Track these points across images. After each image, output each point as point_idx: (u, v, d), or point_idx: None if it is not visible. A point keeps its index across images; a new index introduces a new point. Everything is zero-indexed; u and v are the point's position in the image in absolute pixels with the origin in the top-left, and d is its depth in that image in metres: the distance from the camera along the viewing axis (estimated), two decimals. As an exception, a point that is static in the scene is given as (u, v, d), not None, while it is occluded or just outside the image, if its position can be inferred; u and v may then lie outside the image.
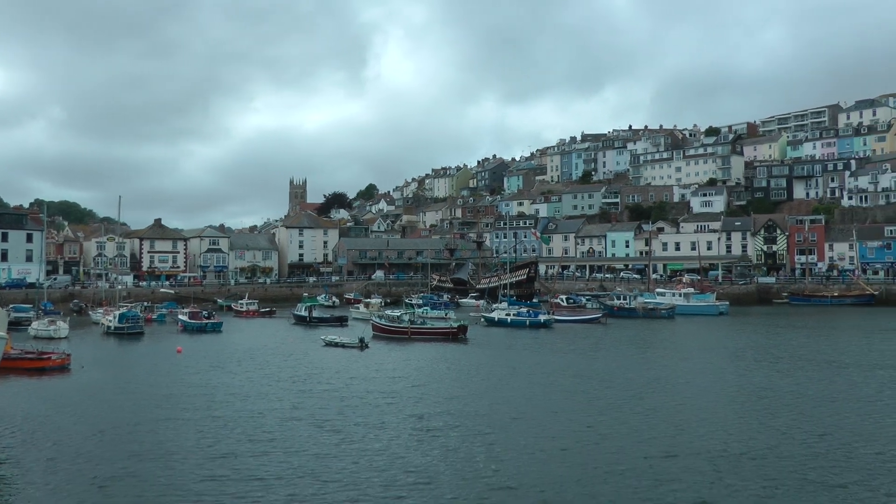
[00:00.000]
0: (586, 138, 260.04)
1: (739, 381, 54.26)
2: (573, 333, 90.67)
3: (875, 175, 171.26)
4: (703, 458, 34.09)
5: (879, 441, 36.92)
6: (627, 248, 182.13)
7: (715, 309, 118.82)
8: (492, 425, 40.51)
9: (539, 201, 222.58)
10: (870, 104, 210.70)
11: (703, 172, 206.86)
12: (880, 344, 77.06)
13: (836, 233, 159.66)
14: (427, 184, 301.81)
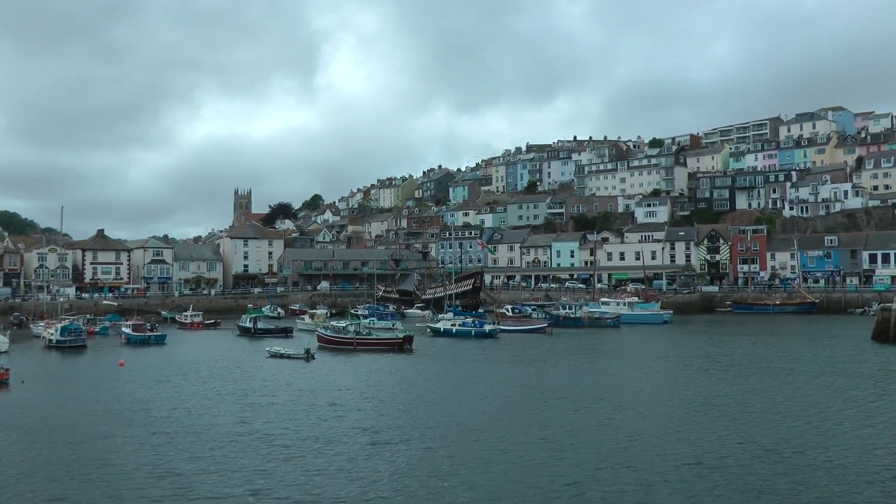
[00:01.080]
0: (531, 149, 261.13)
1: (689, 390, 54.31)
2: (519, 343, 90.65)
3: (815, 186, 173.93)
4: (659, 469, 33.92)
5: (833, 448, 37.08)
6: (572, 258, 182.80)
7: (659, 318, 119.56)
8: (443, 438, 40.02)
9: (484, 211, 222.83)
10: (810, 117, 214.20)
11: (648, 183, 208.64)
12: (824, 351, 77.92)
13: (777, 242, 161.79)
14: (373, 194, 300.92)
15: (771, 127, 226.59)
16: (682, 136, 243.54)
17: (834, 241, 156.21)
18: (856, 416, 45.09)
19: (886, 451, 36.73)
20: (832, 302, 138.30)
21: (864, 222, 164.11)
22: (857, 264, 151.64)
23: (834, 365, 67.16)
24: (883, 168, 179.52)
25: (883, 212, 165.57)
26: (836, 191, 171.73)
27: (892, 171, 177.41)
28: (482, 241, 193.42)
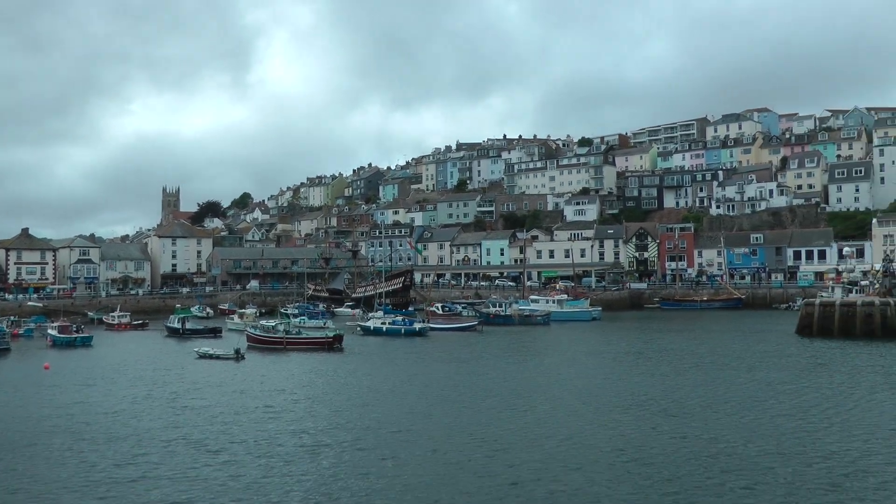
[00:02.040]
0: (462, 147, 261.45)
1: (623, 387, 54.23)
2: (449, 342, 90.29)
3: (741, 185, 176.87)
4: (598, 466, 33.73)
5: (767, 441, 37.26)
6: (502, 255, 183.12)
7: (588, 315, 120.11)
8: (378, 440, 39.29)
9: (414, 210, 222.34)
10: (736, 118, 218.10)
11: (577, 182, 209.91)
12: (754, 345, 79.09)
13: (704, 240, 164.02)
14: (302, 192, 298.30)
15: (698, 127, 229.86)
16: (611, 135, 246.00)
17: (759, 238, 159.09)
18: (790, 409, 45.46)
19: (819, 440, 37.07)
20: (758, 298, 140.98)
21: (789, 220, 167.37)
22: (781, 261, 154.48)
23: (763, 359, 67.96)
24: (807, 168, 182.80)
25: (807, 210, 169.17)
26: (761, 190, 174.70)
27: (816, 171, 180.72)
28: (411, 239, 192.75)
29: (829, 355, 70.60)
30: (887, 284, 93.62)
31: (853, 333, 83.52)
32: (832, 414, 43.89)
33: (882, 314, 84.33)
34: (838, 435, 38.67)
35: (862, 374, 58.79)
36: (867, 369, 61.13)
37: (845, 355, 70.27)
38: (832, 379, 56.33)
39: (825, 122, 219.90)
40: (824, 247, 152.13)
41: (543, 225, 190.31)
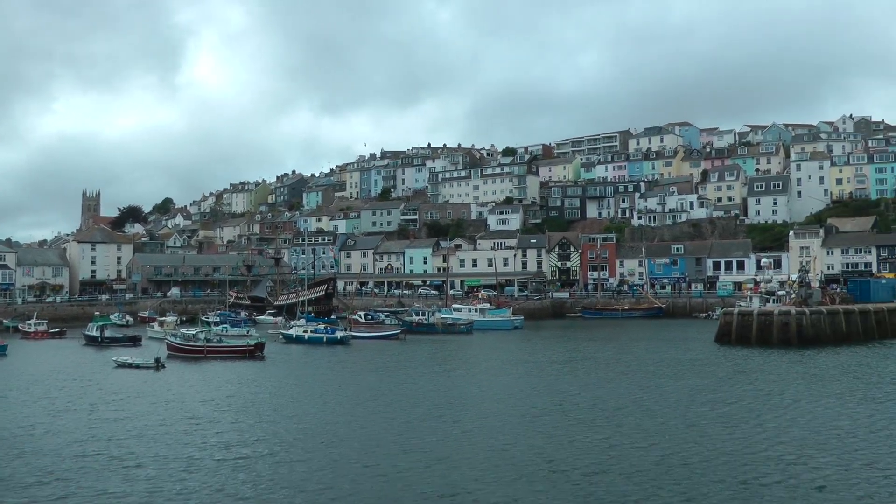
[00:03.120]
0: (386, 155, 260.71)
1: (549, 395, 54.14)
2: (372, 350, 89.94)
3: (663, 197, 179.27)
4: (531, 475, 33.53)
5: (700, 448, 37.31)
6: (425, 264, 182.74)
7: (510, 323, 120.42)
8: (306, 451, 38.51)
9: (338, 217, 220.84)
10: (658, 131, 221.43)
11: (501, 191, 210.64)
12: (678, 354, 79.94)
13: (626, 250, 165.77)
14: (225, 198, 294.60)
15: (621, 139, 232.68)
16: (535, 145, 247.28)
17: (680, 249, 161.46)
18: (717, 416, 45.94)
19: (744, 444, 37.33)
20: (678, 307, 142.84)
21: (709, 232, 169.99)
22: (701, 271, 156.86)
23: (685, 367, 68.67)
24: (726, 181, 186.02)
25: (726, 222, 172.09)
26: (682, 202, 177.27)
27: (735, 184, 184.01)
28: (335, 247, 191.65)
29: (749, 363, 71.68)
30: (803, 295, 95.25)
31: (770, 342, 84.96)
32: (764, 420, 44.57)
33: (798, 323, 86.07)
34: (767, 443, 39.14)
35: (784, 381, 59.70)
36: (792, 377, 62.20)
37: (765, 363, 71.42)
38: (756, 386, 57.16)
39: (745, 137, 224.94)
40: (743, 258, 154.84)
41: (467, 234, 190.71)
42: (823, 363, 70.73)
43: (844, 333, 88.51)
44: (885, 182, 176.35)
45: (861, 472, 33.71)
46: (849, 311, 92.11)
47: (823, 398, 51.98)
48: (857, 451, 37.47)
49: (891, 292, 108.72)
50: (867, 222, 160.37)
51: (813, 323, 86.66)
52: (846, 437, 40.34)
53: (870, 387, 56.54)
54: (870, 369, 66.83)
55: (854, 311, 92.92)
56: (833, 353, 77.47)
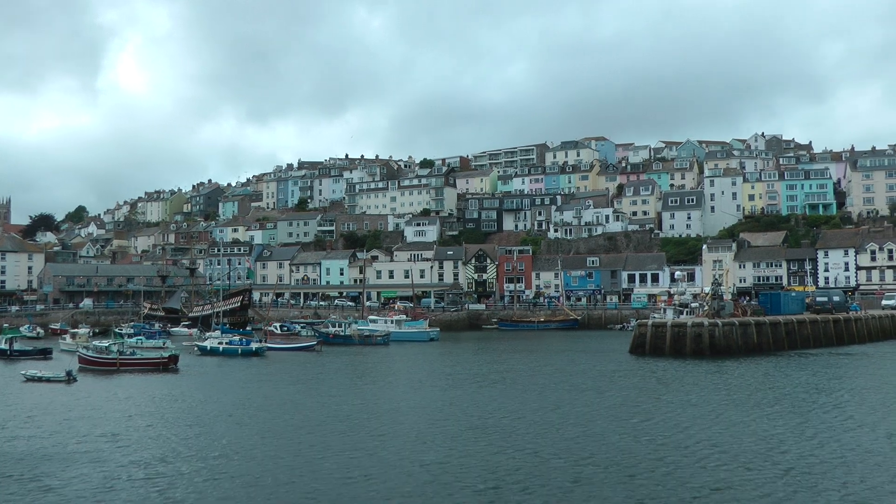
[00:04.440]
0: (303, 165, 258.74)
1: (470, 408, 53.38)
2: (287, 362, 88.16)
3: (579, 210, 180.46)
4: (455, 491, 32.53)
5: (626, 459, 37.23)
6: (342, 275, 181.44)
7: (426, 335, 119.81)
8: (219, 468, 36.52)
9: (254, 228, 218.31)
10: (574, 145, 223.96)
11: (418, 203, 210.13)
12: (598, 365, 79.41)
13: (542, 262, 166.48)
14: (140, 207, 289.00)
15: (538, 153, 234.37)
16: (453, 157, 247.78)
17: (595, 261, 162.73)
18: (640, 426, 45.78)
19: (677, 461, 37.40)
20: (593, 319, 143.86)
21: (624, 245, 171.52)
22: (616, 283, 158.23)
23: (605, 378, 68.71)
24: (641, 196, 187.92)
25: (641, 235, 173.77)
26: (598, 215, 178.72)
27: (650, 199, 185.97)
28: (250, 258, 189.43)
29: (664, 374, 71.79)
30: (716, 307, 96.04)
31: (683, 352, 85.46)
32: (689, 428, 44.53)
33: (710, 334, 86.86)
34: (695, 456, 38.84)
35: (702, 391, 60.07)
36: (707, 387, 62.47)
37: (679, 373, 71.73)
38: (676, 396, 57.25)
39: (660, 153, 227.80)
40: (657, 270, 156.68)
41: (383, 245, 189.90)
42: (736, 373, 71.15)
43: (755, 344, 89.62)
44: (796, 198, 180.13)
45: (798, 479, 33.68)
46: (760, 323, 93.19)
47: (737, 407, 52.19)
48: (781, 456, 37.94)
49: (800, 305, 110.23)
50: (778, 237, 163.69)
51: (725, 334, 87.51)
52: (769, 444, 40.65)
53: (785, 396, 56.92)
54: (785, 378, 67.54)
55: (765, 322, 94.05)
56: (744, 364, 78.07)
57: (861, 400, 55.13)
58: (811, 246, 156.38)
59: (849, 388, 60.63)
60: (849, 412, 49.96)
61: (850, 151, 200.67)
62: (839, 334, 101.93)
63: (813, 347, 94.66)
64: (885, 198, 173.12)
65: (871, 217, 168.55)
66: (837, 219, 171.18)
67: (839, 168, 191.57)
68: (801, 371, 72.95)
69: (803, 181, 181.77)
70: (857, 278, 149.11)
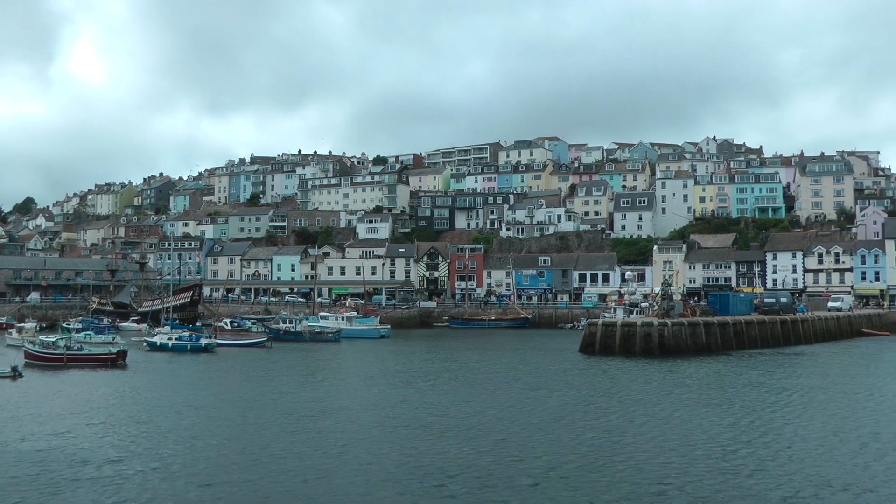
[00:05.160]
0: (255, 160, 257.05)
1: (421, 406, 53.36)
2: (237, 358, 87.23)
3: (531, 209, 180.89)
4: (419, 492, 32.31)
5: (579, 456, 37.30)
6: (293, 271, 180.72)
7: (377, 332, 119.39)
8: (168, 466, 35.82)
9: (205, 222, 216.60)
10: (528, 145, 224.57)
11: (370, 200, 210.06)
12: (548, 364, 79.45)
13: (494, 261, 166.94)
14: (90, 200, 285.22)
15: (491, 152, 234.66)
16: (406, 155, 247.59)
17: (547, 261, 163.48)
18: (590, 425, 45.86)
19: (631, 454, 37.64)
20: (544, 317, 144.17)
21: (575, 244, 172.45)
22: (567, 283, 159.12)
23: (555, 376, 68.86)
24: (593, 196, 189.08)
25: (592, 235, 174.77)
26: (550, 214, 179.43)
27: (602, 199, 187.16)
28: (201, 252, 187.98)
29: (614, 372, 72.28)
30: (665, 307, 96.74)
31: (633, 352, 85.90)
32: (647, 430, 44.41)
33: (660, 334, 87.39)
34: (653, 451, 39.12)
35: (649, 389, 60.51)
36: (662, 386, 62.92)
37: (631, 372, 72.21)
38: (625, 395, 57.65)
39: (612, 154, 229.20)
40: (608, 270, 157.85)
41: (335, 242, 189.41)
42: (687, 372, 71.70)
43: (704, 344, 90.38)
44: (746, 201, 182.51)
45: (749, 478, 33.87)
46: (708, 323, 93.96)
47: (685, 406, 52.76)
48: (729, 452, 38.33)
49: (749, 306, 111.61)
50: (728, 239, 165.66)
51: (674, 334, 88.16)
52: (722, 441, 41.20)
53: (737, 395, 57.60)
54: (736, 378, 68.33)
55: (714, 322, 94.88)
56: (694, 363, 78.68)
57: (810, 399, 55.98)
58: (760, 248, 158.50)
59: (797, 388, 61.38)
60: (797, 411, 50.74)
61: (799, 157, 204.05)
62: (786, 335, 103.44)
63: (760, 347, 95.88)
64: (832, 202, 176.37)
65: (818, 221, 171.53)
66: (786, 222, 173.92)
67: (789, 173, 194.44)
68: (751, 370, 73.80)
69: (753, 185, 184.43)
70: (804, 280, 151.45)
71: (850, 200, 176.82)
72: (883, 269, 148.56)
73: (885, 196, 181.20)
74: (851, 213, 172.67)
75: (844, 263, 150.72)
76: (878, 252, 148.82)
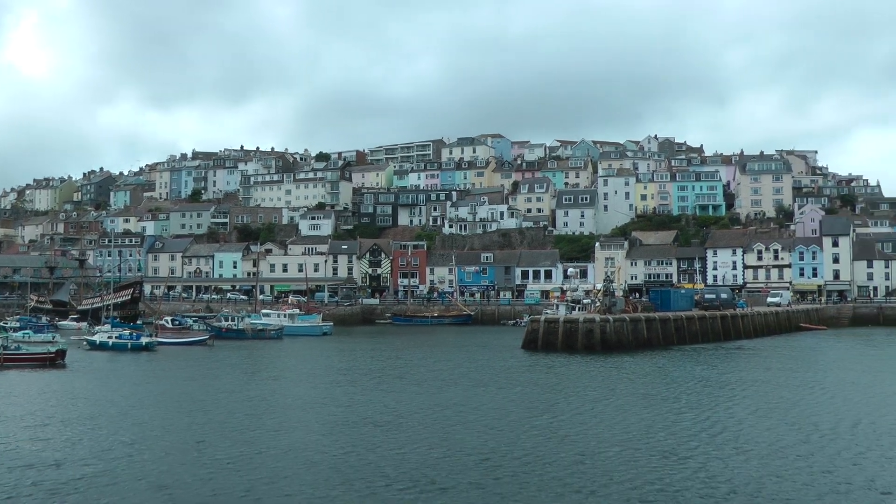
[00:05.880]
0: (197, 156, 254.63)
1: (363, 405, 53.21)
2: (179, 356, 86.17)
3: (474, 206, 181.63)
4: (352, 491, 32.23)
5: (528, 455, 37.31)
6: (235, 268, 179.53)
7: (319, 330, 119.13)
8: (108, 469, 35.18)
9: (146, 219, 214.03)
10: (471, 142, 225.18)
11: (313, 196, 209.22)
12: (491, 361, 79.39)
13: (436, 258, 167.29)
14: (28, 195, 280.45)
15: (434, 148, 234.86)
16: (349, 151, 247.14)
17: (490, 257, 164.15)
18: (534, 418, 46.06)
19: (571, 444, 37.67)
20: (487, 314, 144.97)
21: (518, 241, 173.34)
22: (510, 280, 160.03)
23: (497, 373, 68.99)
24: (536, 193, 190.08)
25: (535, 232, 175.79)
26: (492, 211, 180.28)
27: (544, 196, 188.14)
28: (142, 249, 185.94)
29: (558, 369, 72.52)
30: (607, 303, 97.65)
31: (575, 348, 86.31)
32: (593, 426, 44.56)
33: (602, 330, 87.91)
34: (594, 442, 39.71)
35: (598, 385, 60.74)
36: (608, 381, 63.27)
37: (575, 368, 72.48)
38: (576, 391, 57.86)
39: (555, 152, 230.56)
40: (550, 267, 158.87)
41: (278, 238, 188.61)
42: (631, 368, 72.52)
43: (646, 339, 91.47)
44: (686, 199, 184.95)
45: (697, 474, 34.07)
46: (650, 319, 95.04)
47: (632, 401, 53.26)
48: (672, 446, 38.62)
49: (689, 301, 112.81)
50: (669, 236, 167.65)
51: (616, 330, 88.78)
52: (654, 435, 41.55)
53: (681, 389, 58.30)
54: (679, 372, 69.29)
55: (655, 318, 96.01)
56: (636, 359, 79.59)
57: (753, 392, 56.94)
58: (701, 245, 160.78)
59: (741, 382, 62.46)
60: (743, 404, 51.45)
61: (739, 155, 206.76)
62: (726, 330, 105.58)
63: (701, 342, 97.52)
64: (771, 200, 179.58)
65: (758, 218, 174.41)
66: (726, 219, 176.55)
67: (729, 171, 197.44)
68: (694, 365, 74.81)
69: (694, 183, 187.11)
70: (744, 276, 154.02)
71: (789, 198, 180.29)
72: (820, 265, 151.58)
73: (822, 194, 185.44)
74: (790, 210, 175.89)
75: (783, 260, 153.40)
76: (816, 249, 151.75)
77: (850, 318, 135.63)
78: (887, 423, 44.64)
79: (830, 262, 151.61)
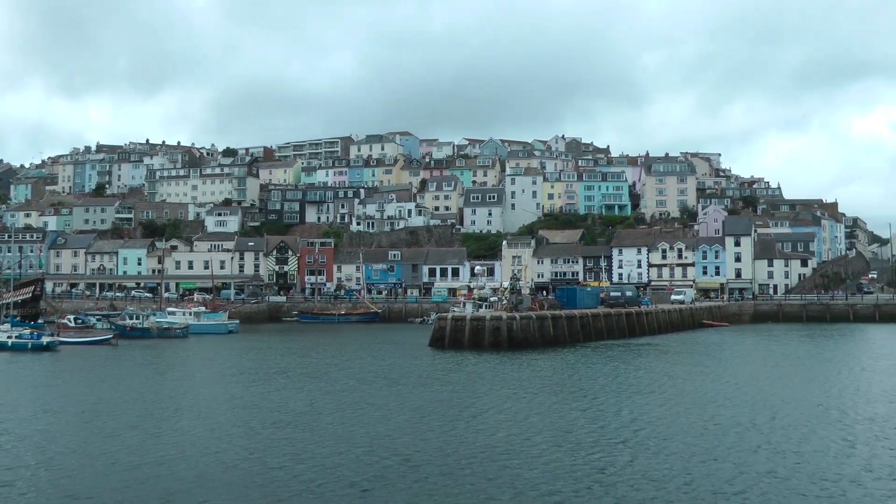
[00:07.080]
0: (102, 149, 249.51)
1: (273, 405, 53.27)
2: (82, 356, 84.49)
3: (382, 204, 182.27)
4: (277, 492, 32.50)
5: (424, 450, 37.56)
6: (140, 265, 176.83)
7: (224, 328, 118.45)
8: (12, 473, 34.68)
9: (48, 213, 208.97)
10: (379, 139, 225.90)
11: (220, 192, 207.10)
12: (398, 359, 79.86)
13: (344, 255, 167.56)
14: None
15: (342, 145, 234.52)
16: (257, 147, 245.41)
17: (397, 255, 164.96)
18: (438, 419, 46.39)
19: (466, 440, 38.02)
20: (394, 312, 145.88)
21: (426, 239, 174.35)
22: (417, 277, 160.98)
23: (406, 371, 69.36)
24: (444, 191, 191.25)
25: (443, 230, 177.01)
26: (400, 209, 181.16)
27: (452, 194, 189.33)
28: (44, 245, 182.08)
29: (466, 367, 73.16)
30: (514, 301, 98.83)
31: (482, 345, 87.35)
32: (505, 423, 45.05)
33: (508, 328, 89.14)
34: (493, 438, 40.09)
35: (505, 383, 61.34)
36: (516, 379, 63.83)
37: (481, 365, 73.36)
38: (483, 388, 58.56)
39: (463, 150, 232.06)
40: (458, 265, 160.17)
41: (183, 235, 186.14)
42: (539, 365, 73.62)
43: (552, 337, 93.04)
44: (593, 199, 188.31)
45: (619, 472, 34.89)
46: (556, 317, 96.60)
47: (540, 397, 53.99)
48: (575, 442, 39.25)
49: (595, 299, 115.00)
50: (575, 235, 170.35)
51: (523, 327, 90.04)
52: (557, 433, 42.16)
53: (589, 386, 59.36)
54: (587, 369, 70.56)
55: (561, 316, 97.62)
56: (544, 356, 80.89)
57: (662, 386, 58.50)
58: (607, 244, 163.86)
59: (647, 378, 63.91)
60: (651, 399, 52.52)
61: (645, 157, 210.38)
62: (631, 327, 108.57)
63: (607, 339, 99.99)
64: (676, 201, 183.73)
65: (662, 218, 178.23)
66: (632, 219, 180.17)
67: (635, 172, 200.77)
68: (602, 362, 76.44)
69: (601, 183, 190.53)
70: (648, 275, 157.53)
71: (693, 199, 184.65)
72: (723, 264, 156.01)
73: (725, 195, 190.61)
74: (694, 211, 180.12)
75: (687, 259, 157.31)
76: (719, 248, 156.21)
77: (751, 314, 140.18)
78: (786, 412, 46.95)
79: (732, 262, 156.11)
